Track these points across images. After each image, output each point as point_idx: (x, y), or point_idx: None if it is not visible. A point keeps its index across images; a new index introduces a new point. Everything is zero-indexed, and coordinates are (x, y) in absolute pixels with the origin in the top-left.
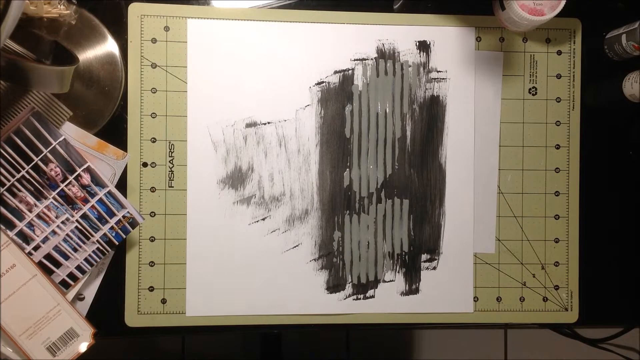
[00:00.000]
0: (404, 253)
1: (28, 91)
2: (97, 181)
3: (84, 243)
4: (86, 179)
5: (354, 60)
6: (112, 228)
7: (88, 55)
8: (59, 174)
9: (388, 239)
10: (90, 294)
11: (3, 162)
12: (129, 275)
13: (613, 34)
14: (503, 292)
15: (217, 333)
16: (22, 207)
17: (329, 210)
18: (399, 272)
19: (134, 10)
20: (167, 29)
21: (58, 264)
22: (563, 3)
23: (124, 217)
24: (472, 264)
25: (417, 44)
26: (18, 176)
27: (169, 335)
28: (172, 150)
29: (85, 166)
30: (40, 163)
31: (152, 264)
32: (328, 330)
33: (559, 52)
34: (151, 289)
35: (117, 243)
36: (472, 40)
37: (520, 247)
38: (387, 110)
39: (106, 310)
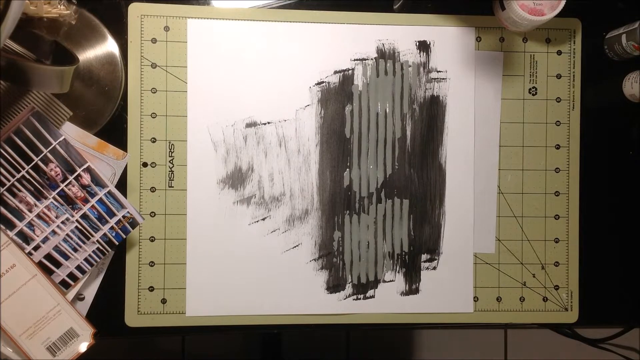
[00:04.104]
0: (404, 253)
1: (28, 91)
2: (97, 181)
3: (84, 243)
4: (86, 179)
5: (354, 60)
6: (112, 228)
7: (88, 55)
8: (59, 174)
9: (388, 239)
10: (90, 294)
11: (3, 162)
12: (129, 275)
13: (613, 34)
14: (503, 292)
15: (217, 333)
16: (22, 207)
17: (329, 210)
18: (399, 272)
19: (134, 10)
20: (167, 29)
21: (58, 264)
22: (563, 3)
23: (124, 217)
24: (472, 264)
25: (417, 44)
26: (18, 176)
27: (169, 335)
28: (172, 150)
29: (85, 166)
30: (40, 163)
31: (152, 264)
32: (328, 330)
33: (559, 52)
34: (151, 289)
35: (117, 243)
36: (472, 40)
37: (520, 247)
38: (387, 110)
39: (106, 310)
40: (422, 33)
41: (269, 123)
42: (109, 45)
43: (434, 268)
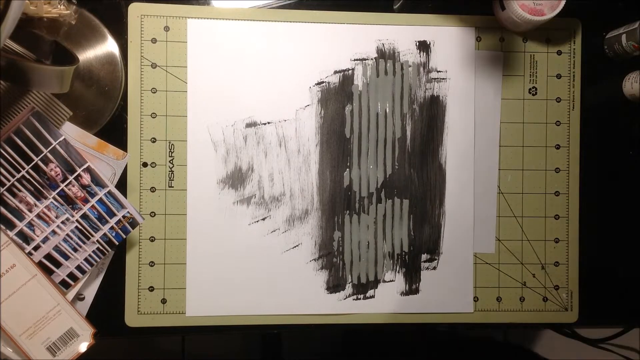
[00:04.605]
0: (404, 253)
1: (28, 91)
2: (97, 181)
3: (84, 243)
4: (86, 179)
5: (354, 60)
6: (112, 228)
7: (88, 55)
8: (59, 174)
9: (388, 239)
10: (90, 294)
11: (3, 162)
12: (129, 275)
13: (613, 34)
14: (503, 292)
15: (217, 333)
16: (22, 207)
17: (329, 210)
18: (399, 272)
19: (134, 10)
20: (167, 29)
21: (58, 264)
22: (563, 3)
23: (124, 217)
24: (472, 264)
25: (417, 44)
26: (18, 176)
27: (169, 335)
28: (172, 150)
29: (85, 166)
30: (40, 163)
31: (152, 264)
32: (328, 331)
33: (559, 52)
34: (151, 289)
35: (117, 243)
36: (472, 40)
37: (520, 247)
38: (387, 110)
39: (106, 310)
40: (422, 33)
41: (269, 123)
42: (109, 45)
43: (434, 268)
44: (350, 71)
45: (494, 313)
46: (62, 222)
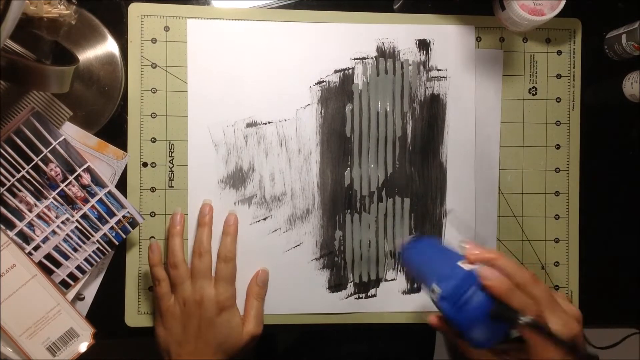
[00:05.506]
0: None
1: (28, 91)
2: (97, 181)
3: (84, 243)
4: (86, 179)
5: (354, 59)
6: (112, 228)
7: (88, 55)
8: (59, 174)
9: (389, 237)
10: (90, 294)
11: (3, 162)
12: (129, 275)
13: (613, 34)
14: None
15: None
16: (22, 207)
17: (330, 210)
18: (400, 270)
19: (134, 10)
20: (167, 29)
21: (58, 264)
22: (563, 3)
23: (124, 217)
24: None
25: (417, 42)
26: (18, 176)
27: None
28: (172, 150)
29: (85, 166)
30: (40, 163)
31: None
32: (329, 330)
33: (559, 52)
34: (151, 289)
35: (117, 243)
36: (472, 40)
37: (520, 247)
38: (388, 109)
39: (106, 310)
40: (422, 32)
41: (269, 123)
42: (109, 45)
43: None
44: (350, 70)
45: None
46: (62, 222)
